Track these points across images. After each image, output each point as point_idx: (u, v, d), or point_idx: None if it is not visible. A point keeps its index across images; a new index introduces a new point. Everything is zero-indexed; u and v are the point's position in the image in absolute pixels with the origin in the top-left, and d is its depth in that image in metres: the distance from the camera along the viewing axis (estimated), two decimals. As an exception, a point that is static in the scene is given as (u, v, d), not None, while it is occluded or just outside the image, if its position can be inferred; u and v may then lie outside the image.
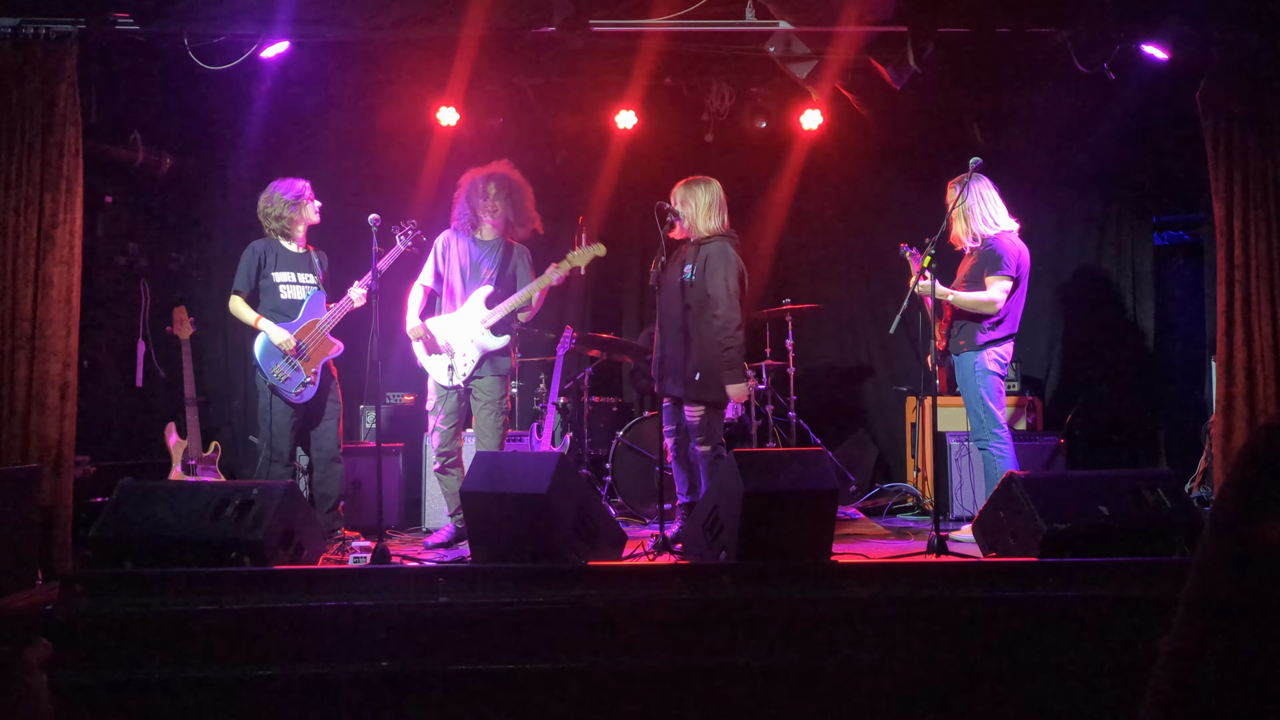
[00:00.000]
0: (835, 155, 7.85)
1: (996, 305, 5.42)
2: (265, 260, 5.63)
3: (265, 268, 5.62)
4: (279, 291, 5.61)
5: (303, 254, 5.72)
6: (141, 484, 4.51)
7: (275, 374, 5.50)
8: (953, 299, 5.46)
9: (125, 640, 3.72)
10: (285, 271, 5.65)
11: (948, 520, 6.33)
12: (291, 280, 5.65)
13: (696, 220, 5.38)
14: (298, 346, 5.52)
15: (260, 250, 5.65)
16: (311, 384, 5.54)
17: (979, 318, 5.43)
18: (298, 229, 5.67)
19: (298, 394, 5.52)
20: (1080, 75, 5.86)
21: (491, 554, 4.42)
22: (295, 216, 5.63)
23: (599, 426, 7.13)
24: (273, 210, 5.63)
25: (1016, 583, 4.02)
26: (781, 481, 4.34)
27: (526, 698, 3.69)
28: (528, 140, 7.77)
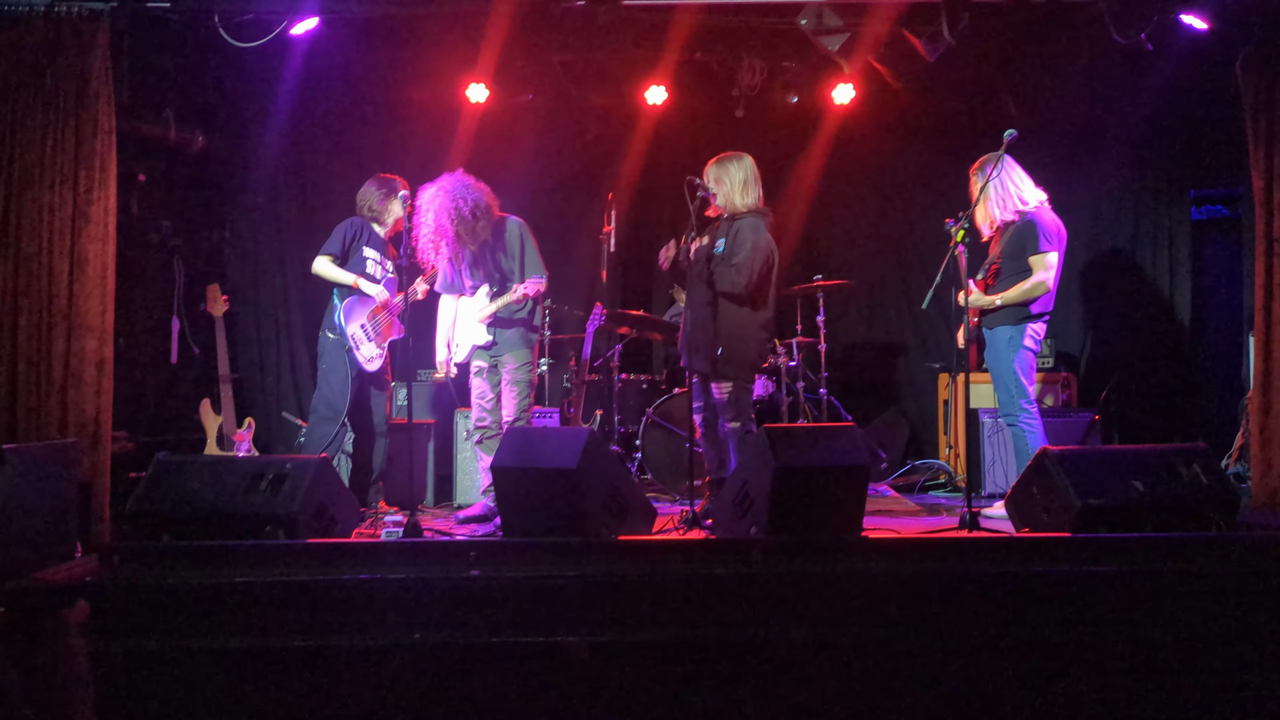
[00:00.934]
0: (867, 130, 7.78)
1: (1047, 284, 5.33)
2: (361, 234, 5.84)
3: (359, 241, 5.83)
4: (366, 266, 5.82)
5: (386, 242, 5.95)
6: (178, 459, 4.56)
7: (355, 337, 5.71)
8: (1001, 301, 5.36)
9: (162, 611, 3.78)
10: (374, 250, 5.87)
11: (980, 497, 6.29)
12: (377, 259, 5.87)
13: (732, 196, 5.35)
14: (374, 318, 5.78)
15: (359, 225, 5.87)
16: (380, 357, 5.79)
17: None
18: (387, 219, 5.91)
19: (368, 362, 5.74)
20: (1117, 46, 5.77)
21: (522, 528, 4.44)
22: (386, 205, 5.88)
23: (629, 403, 7.14)
24: (366, 200, 5.90)
25: (1050, 558, 4.00)
26: (812, 457, 4.33)
27: (556, 670, 3.71)
28: (557, 117, 7.75)
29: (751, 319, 5.32)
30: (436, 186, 5.51)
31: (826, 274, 7.45)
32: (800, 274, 7.72)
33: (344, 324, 5.70)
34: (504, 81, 7.23)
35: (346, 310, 5.72)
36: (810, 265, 7.76)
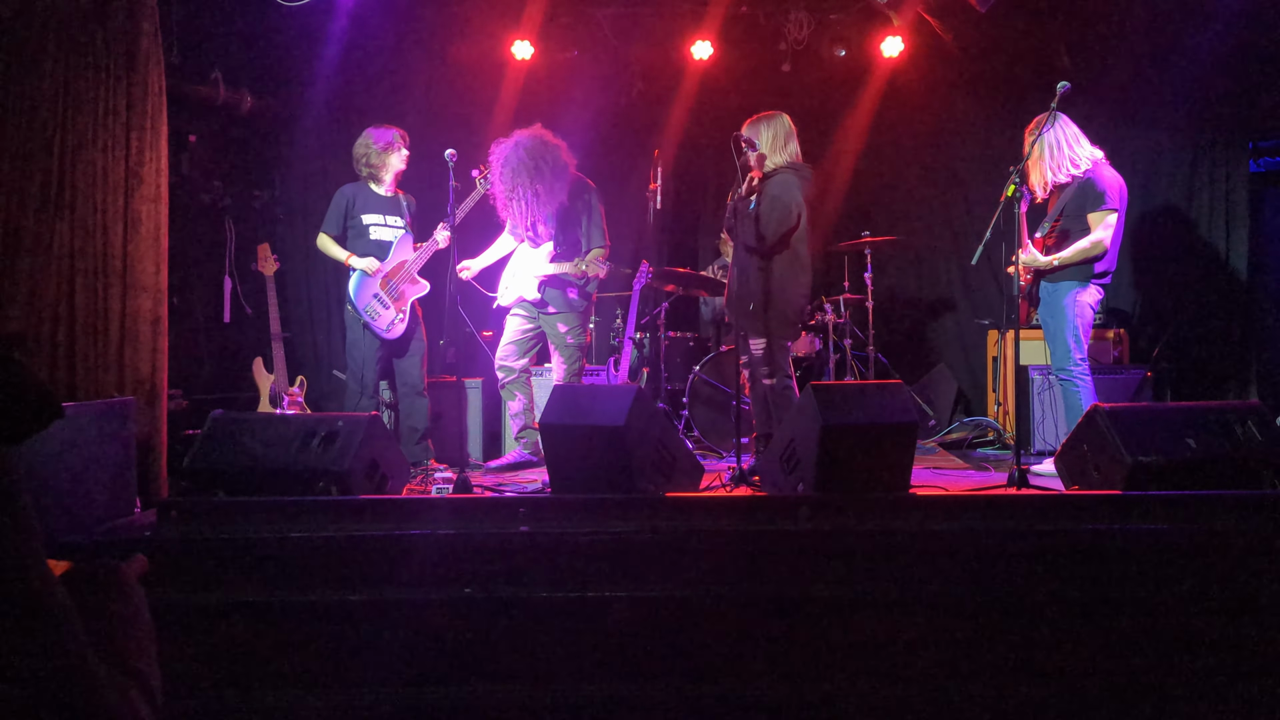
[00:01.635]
0: (916, 84, 7.66)
1: (1105, 244, 5.24)
2: (354, 203, 5.84)
3: (354, 211, 5.84)
4: (369, 233, 5.82)
5: (391, 198, 5.91)
6: (232, 416, 4.64)
7: (369, 311, 5.74)
8: (1059, 261, 5.27)
9: (217, 565, 3.86)
10: (374, 214, 5.85)
11: (1029, 454, 6.24)
12: (380, 223, 5.85)
13: (766, 154, 5.33)
14: (388, 284, 5.75)
15: (350, 194, 5.86)
16: (401, 321, 5.78)
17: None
18: (385, 175, 5.86)
19: (388, 330, 5.76)
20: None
21: (570, 485, 4.47)
22: (382, 163, 5.83)
23: (675, 361, 7.14)
24: (363, 155, 5.84)
25: (1100, 516, 3.96)
26: (859, 414, 4.31)
27: (604, 625, 3.75)
28: (602, 73, 7.71)
29: (790, 276, 5.30)
30: (514, 142, 5.53)
31: (874, 230, 7.38)
32: (848, 231, 7.65)
33: (355, 299, 5.76)
34: (549, 38, 7.20)
35: (357, 285, 5.77)
36: (858, 222, 7.70)
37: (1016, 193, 4.86)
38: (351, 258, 5.75)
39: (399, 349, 5.86)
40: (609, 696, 3.57)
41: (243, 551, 3.88)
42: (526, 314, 5.74)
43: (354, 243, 5.82)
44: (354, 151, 5.87)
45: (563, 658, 3.70)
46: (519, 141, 5.49)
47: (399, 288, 5.78)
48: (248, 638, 3.72)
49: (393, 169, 5.84)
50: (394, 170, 5.85)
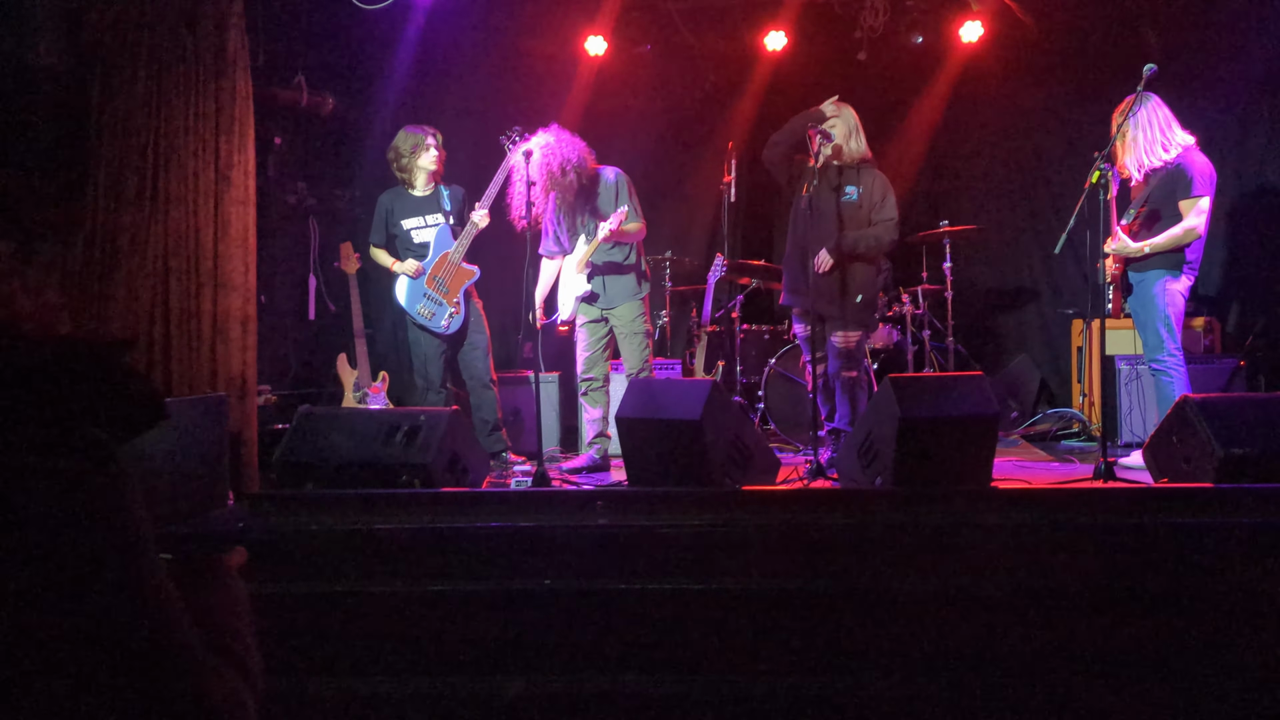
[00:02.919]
0: (995, 69, 7.52)
1: (1198, 231, 5.09)
2: (392, 211, 5.92)
3: (393, 218, 5.92)
4: (411, 238, 5.91)
5: (428, 196, 5.93)
6: (319, 411, 4.77)
7: (421, 313, 5.82)
8: (1150, 248, 5.13)
9: (307, 555, 3.97)
10: (413, 217, 5.92)
11: (1116, 446, 6.11)
12: (420, 224, 5.91)
13: (849, 141, 5.30)
14: (435, 280, 5.80)
15: (386, 203, 5.95)
16: (456, 314, 5.81)
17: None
18: (417, 176, 5.90)
19: (445, 326, 5.81)
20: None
21: (646, 478, 4.51)
22: (412, 165, 5.87)
23: (751, 354, 7.13)
24: (393, 158, 5.91)
25: (1190, 509, 3.88)
26: (938, 407, 4.27)
27: (681, 616, 3.77)
28: (675, 66, 7.72)
29: (874, 268, 5.31)
30: (529, 144, 5.56)
31: (953, 220, 7.27)
32: (926, 220, 7.56)
33: (405, 304, 5.85)
34: (622, 33, 7.23)
35: (405, 291, 5.86)
36: (936, 211, 7.60)
37: (1101, 179, 4.76)
38: (395, 264, 5.85)
39: (460, 342, 5.89)
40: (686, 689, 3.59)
41: (331, 543, 3.99)
42: (593, 319, 5.71)
43: (401, 248, 5.90)
44: (388, 152, 5.94)
45: (639, 649, 3.73)
46: (533, 143, 5.47)
47: (447, 281, 5.80)
48: (337, 626, 3.82)
49: (423, 169, 5.87)
50: (425, 170, 5.87)
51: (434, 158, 5.86)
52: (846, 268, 5.27)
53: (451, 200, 5.93)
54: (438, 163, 5.90)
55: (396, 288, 5.91)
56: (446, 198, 5.92)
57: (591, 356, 5.74)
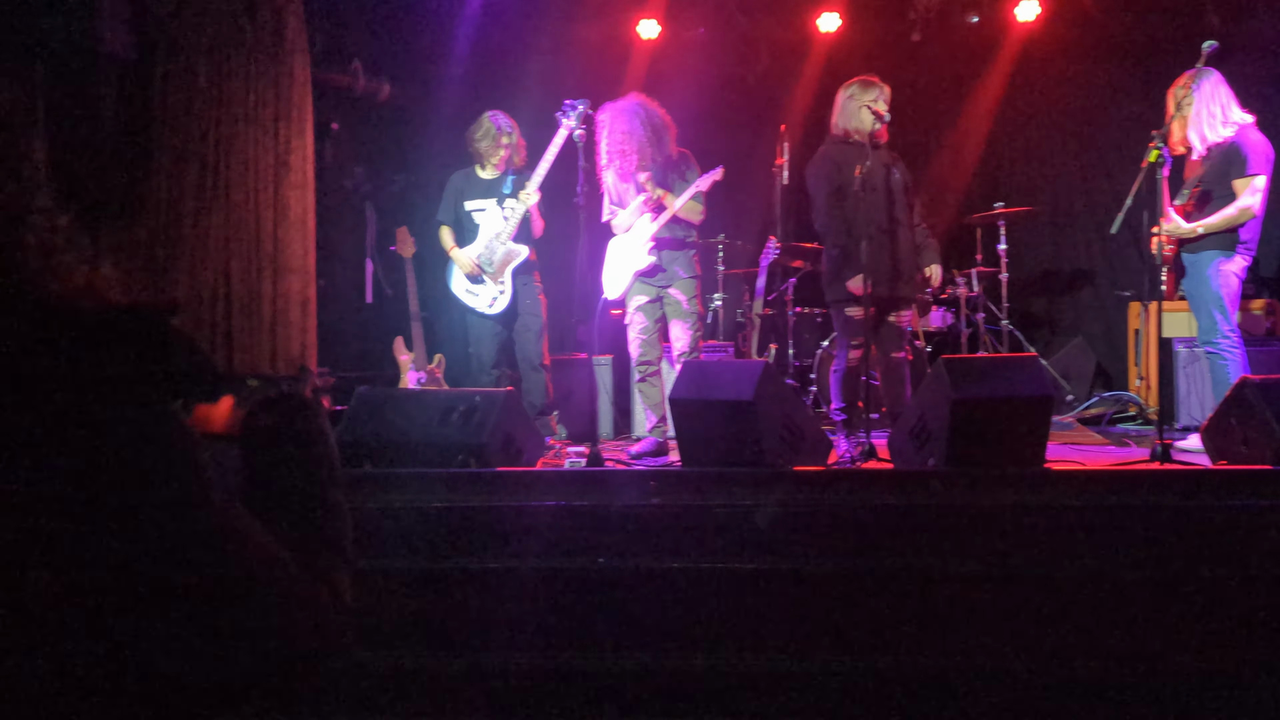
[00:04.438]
0: (1052, 48, 7.43)
1: (1254, 211, 4.99)
2: (461, 191, 5.95)
3: (461, 198, 5.95)
4: (471, 219, 5.94)
5: (494, 179, 5.96)
6: (377, 391, 4.85)
7: (465, 297, 5.88)
8: (1203, 229, 5.04)
9: (366, 533, 4.05)
10: (477, 199, 5.94)
11: (1173, 430, 6.03)
12: (481, 207, 5.94)
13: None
14: (479, 264, 5.83)
15: (457, 183, 5.99)
16: (504, 294, 5.82)
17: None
18: (488, 160, 5.92)
19: (491, 306, 5.85)
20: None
21: (700, 459, 4.53)
22: (483, 148, 5.89)
23: (803, 337, 7.13)
24: (468, 135, 5.94)
25: (1249, 492, 3.82)
26: (992, 388, 4.25)
27: (735, 596, 3.81)
28: (728, 49, 7.71)
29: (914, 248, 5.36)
30: (618, 105, 5.59)
31: (1009, 201, 7.21)
32: (980, 202, 7.49)
33: (450, 286, 5.92)
34: (675, 16, 7.24)
35: (452, 272, 5.91)
36: (991, 193, 7.54)
37: (1159, 158, 4.69)
38: (454, 250, 5.90)
39: (510, 322, 5.91)
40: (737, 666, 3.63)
41: (389, 520, 4.07)
42: (649, 298, 5.71)
43: (463, 228, 5.94)
44: (468, 133, 5.96)
45: (691, 627, 3.77)
46: (621, 105, 5.55)
47: (495, 262, 5.82)
48: (394, 602, 3.90)
49: (494, 157, 5.88)
50: (490, 159, 5.89)
51: (505, 152, 5.88)
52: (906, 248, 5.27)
53: (515, 184, 5.96)
54: (505, 157, 5.91)
55: (449, 270, 5.98)
56: (510, 182, 5.95)
57: (648, 340, 5.73)
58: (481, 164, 5.95)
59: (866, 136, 5.15)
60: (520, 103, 7.27)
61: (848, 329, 5.26)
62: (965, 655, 3.60)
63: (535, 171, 5.70)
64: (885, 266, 5.15)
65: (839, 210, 5.19)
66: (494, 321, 5.90)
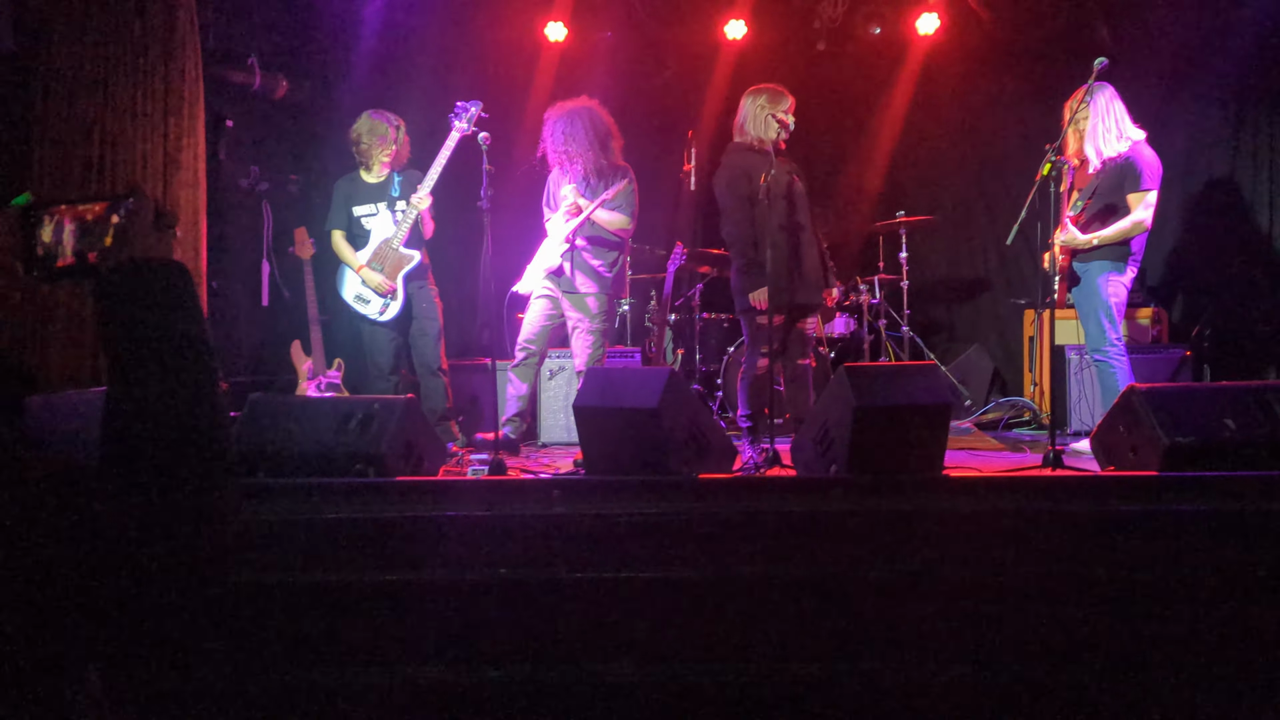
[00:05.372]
0: (952, 60, 7.58)
1: (1146, 225, 5.18)
2: (349, 196, 5.84)
3: (349, 203, 5.84)
4: (361, 224, 5.83)
5: (380, 182, 5.84)
6: (271, 399, 4.72)
7: (356, 305, 5.80)
8: (1098, 240, 5.20)
9: (258, 546, 3.92)
10: (364, 204, 5.83)
11: (1065, 435, 6.20)
12: (371, 212, 5.83)
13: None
14: (371, 267, 5.72)
15: (344, 188, 5.87)
16: (393, 300, 5.73)
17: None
18: (375, 161, 5.80)
19: (382, 313, 5.76)
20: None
21: (603, 467, 4.50)
22: (370, 150, 5.76)
23: (710, 343, 7.15)
24: (354, 136, 5.79)
25: (1136, 497, 3.94)
26: (893, 395, 4.31)
27: (638, 605, 3.78)
28: (635, 54, 7.70)
29: None
30: (574, 107, 5.55)
31: (910, 210, 7.33)
32: (883, 210, 7.61)
33: (341, 293, 5.82)
34: (582, 19, 7.20)
35: (343, 279, 5.82)
36: (894, 202, 7.65)
37: (1053, 171, 4.81)
38: (362, 268, 5.75)
39: (405, 328, 5.82)
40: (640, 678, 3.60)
41: (282, 532, 3.94)
42: (552, 294, 5.67)
43: (351, 236, 5.82)
44: (350, 134, 5.82)
45: (595, 639, 3.73)
46: (577, 109, 5.54)
47: (385, 267, 5.71)
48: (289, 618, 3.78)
49: (383, 156, 5.76)
50: (382, 159, 5.78)
51: (393, 149, 5.77)
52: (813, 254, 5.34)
53: (403, 186, 5.84)
54: (393, 155, 5.81)
55: (339, 276, 5.86)
56: (398, 184, 5.84)
57: (539, 330, 5.67)
58: (367, 166, 5.83)
59: (771, 145, 5.20)
60: (423, 103, 7.16)
61: (757, 337, 5.29)
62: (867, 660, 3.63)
63: (427, 175, 5.61)
64: (791, 274, 5.20)
65: (748, 219, 5.22)
66: (388, 328, 5.79)
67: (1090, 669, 3.53)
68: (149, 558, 1.20)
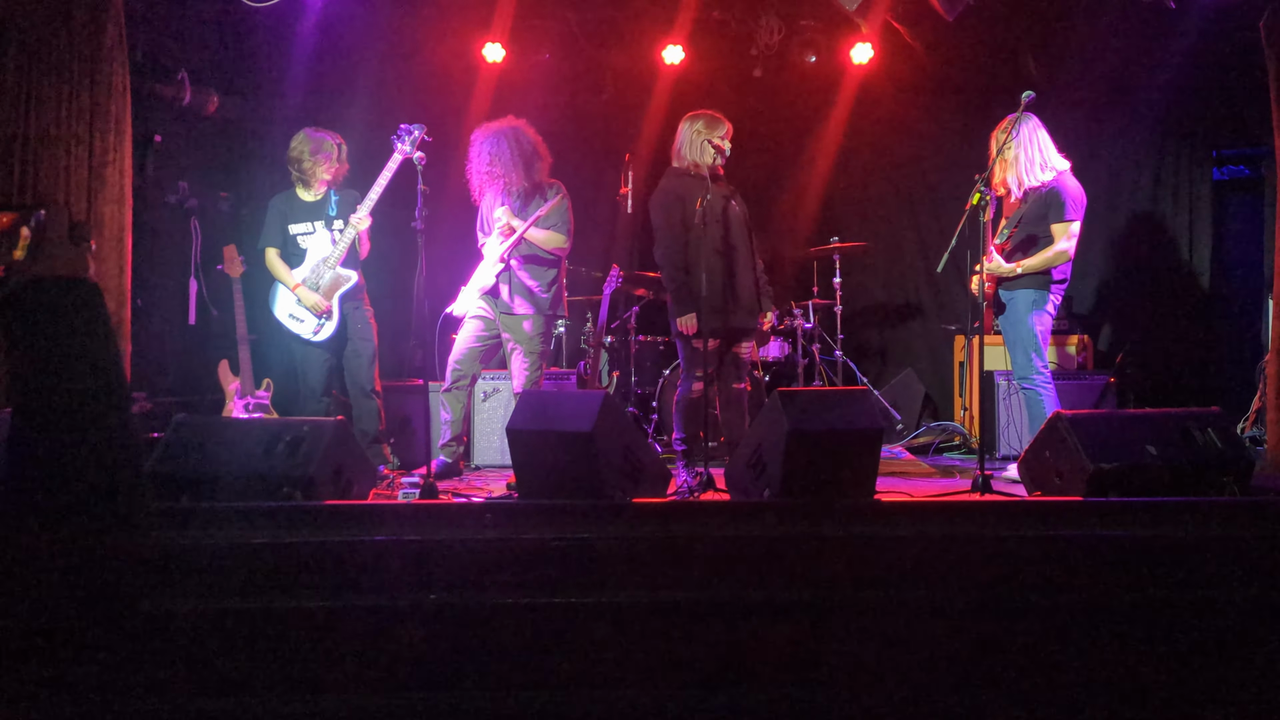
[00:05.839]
0: (886, 90, 7.71)
1: (1069, 255, 5.29)
2: (285, 214, 5.76)
3: (285, 220, 5.76)
4: (297, 243, 5.75)
5: (318, 201, 5.79)
6: (196, 420, 4.61)
7: (290, 324, 5.70)
8: (1022, 269, 5.29)
9: (180, 572, 3.82)
10: (301, 222, 5.76)
11: (994, 459, 6.31)
12: (307, 231, 5.76)
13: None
14: (306, 286, 5.65)
15: (279, 206, 5.79)
16: (328, 320, 5.67)
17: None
18: (314, 179, 5.73)
19: (316, 333, 5.69)
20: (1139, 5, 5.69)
21: (537, 490, 4.47)
22: (309, 168, 5.70)
23: (645, 365, 7.15)
24: (294, 155, 5.71)
25: (1061, 522, 4.01)
26: (826, 420, 4.34)
27: (571, 631, 3.75)
28: (574, 76, 7.71)
29: None
30: (499, 127, 5.52)
31: (844, 236, 7.42)
32: (817, 236, 7.70)
33: (274, 311, 5.73)
34: (520, 40, 7.19)
35: (277, 298, 5.73)
36: (828, 227, 7.75)
37: (982, 201, 4.90)
38: (298, 288, 5.68)
39: (339, 349, 5.75)
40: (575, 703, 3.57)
41: (207, 559, 3.85)
42: (486, 316, 5.63)
43: (286, 255, 5.75)
44: (288, 152, 5.74)
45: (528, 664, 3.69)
46: (499, 128, 5.51)
47: (322, 287, 5.66)
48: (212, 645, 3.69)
49: (319, 177, 5.71)
50: (321, 177, 5.72)
51: (335, 166, 5.71)
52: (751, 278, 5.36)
53: (340, 205, 5.78)
54: (334, 173, 5.75)
55: (271, 292, 5.77)
56: (335, 203, 5.77)
57: (471, 350, 5.63)
58: (306, 184, 5.75)
59: (707, 170, 5.24)
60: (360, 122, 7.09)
61: (692, 360, 5.30)
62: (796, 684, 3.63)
63: (368, 196, 5.56)
64: (726, 299, 5.22)
65: (681, 244, 5.23)
66: (322, 348, 5.72)
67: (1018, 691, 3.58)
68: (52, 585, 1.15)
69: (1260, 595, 3.75)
